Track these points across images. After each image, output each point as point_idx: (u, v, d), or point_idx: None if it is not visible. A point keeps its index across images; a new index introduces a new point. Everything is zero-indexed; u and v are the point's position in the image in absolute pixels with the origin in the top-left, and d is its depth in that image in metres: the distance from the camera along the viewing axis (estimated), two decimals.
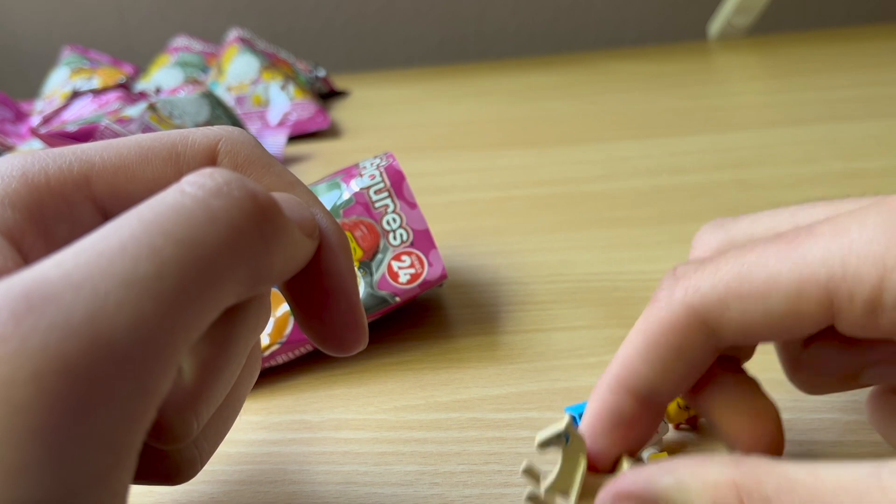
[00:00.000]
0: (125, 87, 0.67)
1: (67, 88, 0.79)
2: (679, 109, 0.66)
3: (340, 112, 0.81)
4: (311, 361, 0.32)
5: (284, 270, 0.17)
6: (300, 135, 0.71)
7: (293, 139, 0.70)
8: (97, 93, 0.64)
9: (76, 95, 0.64)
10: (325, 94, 0.88)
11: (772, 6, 0.98)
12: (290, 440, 0.27)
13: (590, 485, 0.22)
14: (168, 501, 0.25)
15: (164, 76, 0.82)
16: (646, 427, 0.20)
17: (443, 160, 0.59)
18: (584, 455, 0.21)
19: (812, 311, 0.17)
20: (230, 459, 0.27)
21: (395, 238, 0.32)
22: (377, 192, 0.33)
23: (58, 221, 0.18)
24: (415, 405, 0.29)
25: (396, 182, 0.33)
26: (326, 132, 0.72)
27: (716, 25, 0.99)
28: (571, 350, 0.31)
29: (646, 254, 0.39)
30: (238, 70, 0.76)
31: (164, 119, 0.54)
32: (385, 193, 0.33)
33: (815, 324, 0.17)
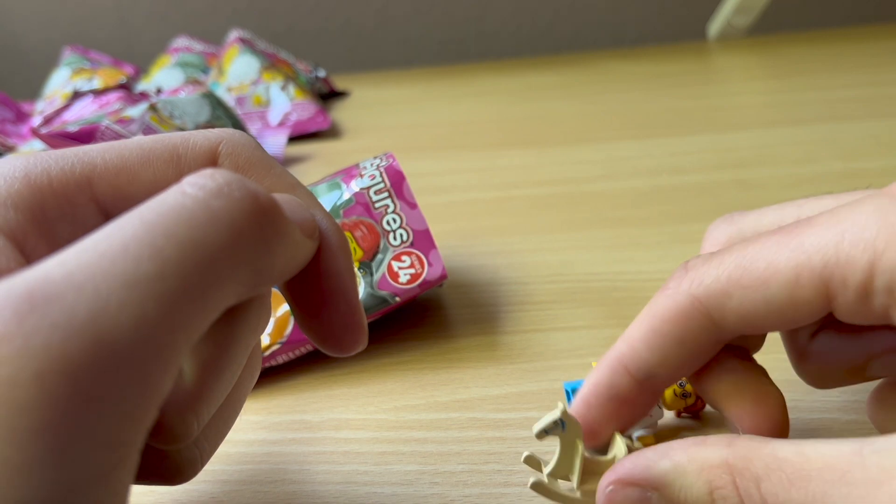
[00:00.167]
0: (126, 88, 0.67)
1: (68, 89, 0.80)
2: (679, 109, 0.66)
3: (340, 112, 0.81)
4: (311, 361, 0.32)
5: (285, 271, 0.18)
6: (300, 135, 0.71)
7: (293, 139, 0.70)
8: (98, 93, 0.64)
9: (77, 96, 0.64)
10: (326, 95, 0.88)
11: (772, 6, 0.98)
12: (290, 440, 0.28)
13: (590, 467, 0.23)
14: (169, 501, 0.25)
15: (165, 77, 0.83)
16: (639, 407, 0.21)
17: (443, 160, 0.59)
18: (582, 440, 0.22)
19: (809, 299, 0.17)
20: (230, 459, 0.27)
21: (395, 238, 0.32)
22: (377, 193, 0.33)
23: (60, 222, 0.18)
24: (415, 405, 0.29)
25: (396, 182, 0.33)
26: (326, 132, 0.72)
27: (716, 25, 0.99)
28: (571, 350, 0.31)
29: (646, 254, 0.39)
30: (238, 70, 0.77)
31: (165, 119, 0.54)
32: (385, 194, 0.33)
33: (813, 311, 0.18)
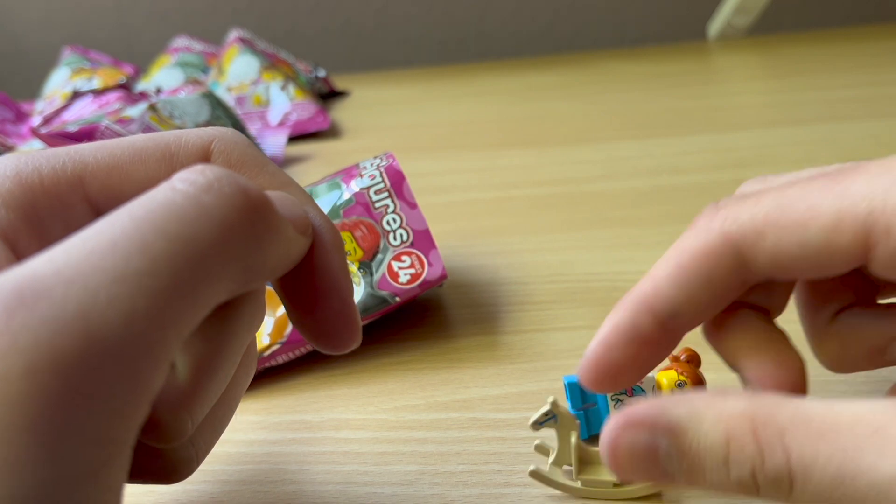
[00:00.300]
0: (126, 88, 0.67)
1: (68, 89, 0.79)
2: (679, 109, 0.66)
3: (340, 112, 0.81)
4: (311, 361, 0.32)
5: (277, 267, 0.17)
6: (300, 135, 0.71)
7: (293, 139, 0.70)
8: (98, 93, 0.64)
9: (77, 96, 0.64)
10: (326, 95, 0.88)
11: (772, 6, 0.98)
12: (290, 440, 0.28)
13: (587, 457, 0.23)
14: (169, 501, 0.25)
15: (165, 76, 0.82)
16: (658, 350, 0.20)
17: (443, 160, 0.59)
18: (576, 430, 0.22)
19: (847, 245, 0.17)
20: (230, 459, 0.27)
21: (396, 238, 0.32)
22: (377, 193, 0.33)
23: (52, 221, 0.18)
24: (415, 405, 0.29)
25: (396, 182, 0.33)
26: (326, 132, 0.72)
27: (716, 25, 0.99)
28: (571, 350, 0.31)
29: (646, 254, 0.39)
30: (238, 70, 0.76)
31: (165, 119, 0.54)
32: (385, 194, 0.33)
33: (848, 260, 0.17)
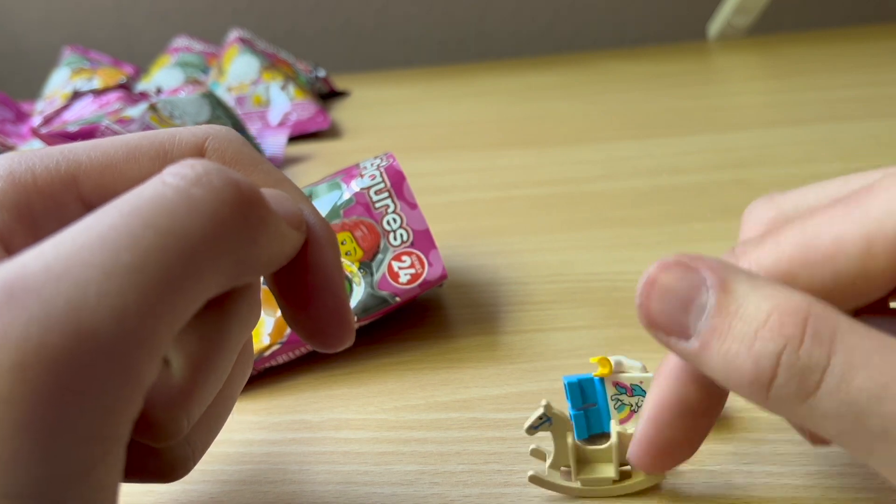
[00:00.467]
0: (126, 88, 0.67)
1: (68, 89, 0.79)
2: (679, 109, 0.66)
3: (340, 112, 0.81)
4: (311, 361, 0.32)
5: (270, 261, 0.17)
6: (300, 135, 0.71)
7: (293, 139, 0.70)
8: (98, 93, 0.64)
9: (77, 96, 0.64)
10: (326, 95, 0.88)
11: (772, 6, 0.98)
12: (290, 440, 0.28)
13: (585, 456, 0.23)
14: (168, 501, 0.25)
15: (165, 76, 0.82)
16: (708, 419, 0.19)
17: (443, 160, 0.59)
18: (571, 431, 0.23)
19: (883, 267, 0.16)
20: (230, 459, 0.27)
21: (396, 238, 0.32)
22: (377, 193, 0.33)
23: (46, 221, 0.18)
24: (415, 405, 0.29)
25: (397, 182, 0.33)
26: (326, 132, 0.72)
27: (716, 25, 0.99)
28: (571, 350, 0.31)
29: (646, 254, 0.39)
30: (238, 70, 0.76)
31: (165, 119, 0.54)
32: (385, 194, 0.33)
33: (886, 282, 0.17)
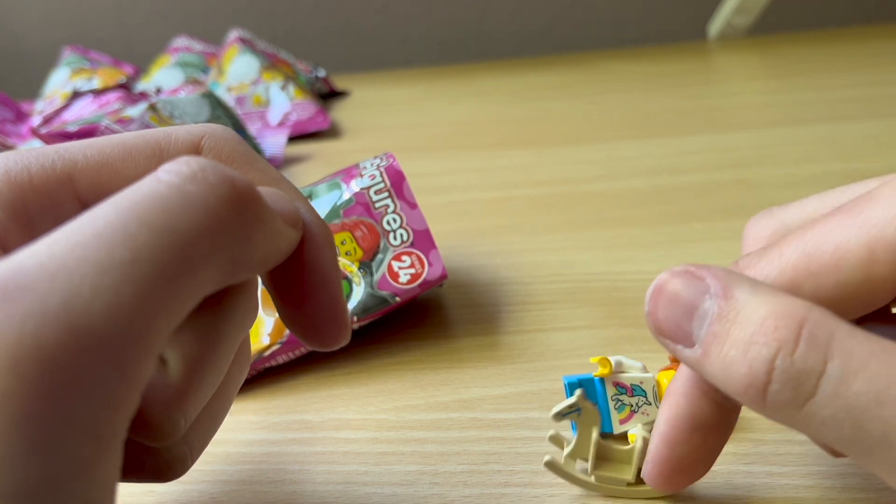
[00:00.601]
0: (126, 88, 0.67)
1: (68, 89, 0.79)
2: (679, 109, 0.66)
3: (340, 112, 0.81)
4: (311, 361, 0.32)
5: (266, 259, 0.17)
6: (300, 135, 0.71)
7: (293, 139, 0.70)
8: (98, 93, 0.64)
9: (77, 96, 0.64)
10: (326, 95, 0.88)
11: (772, 6, 0.98)
12: (290, 440, 0.28)
13: (605, 454, 0.23)
14: (169, 501, 0.25)
15: (165, 76, 0.82)
16: (721, 435, 0.19)
17: (443, 160, 0.59)
18: (597, 425, 0.22)
19: (885, 274, 0.16)
20: (230, 459, 0.27)
21: (396, 238, 0.32)
22: (377, 193, 0.33)
23: (42, 220, 0.18)
24: (415, 405, 0.29)
25: (397, 182, 0.33)
26: (326, 132, 0.72)
27: (716, 25, 0.99)
28: (571, 350, 0.31)
29: (646, 254, 0.39)
30: (238, 70, 0.76)
31: (165, 119, 0.54)
32: (385, 194, 0.33)
33: (890, 289, 0.17)
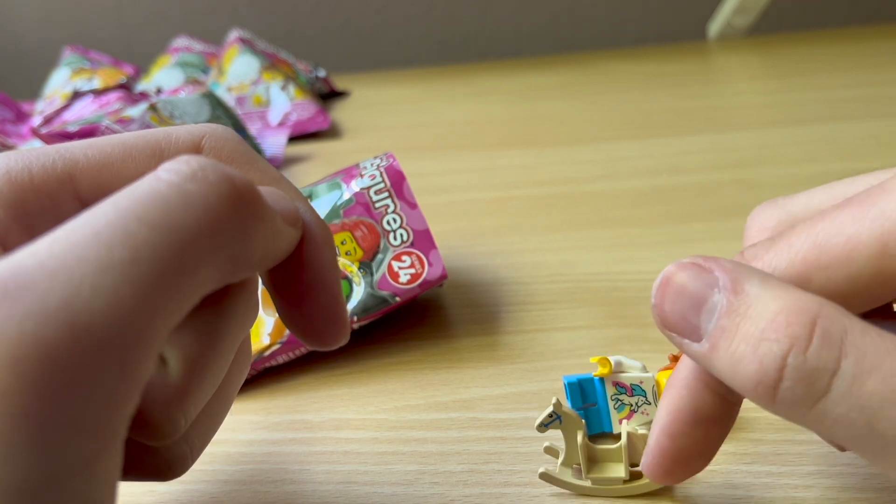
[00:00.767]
0: (126, 88, 0.67)
1: (68, 89, 0.80)
2: (679, 109, 0.66)
3: (340, 112, 0.81)
4: (311, 361, 0.32)
5: (266, 257, 0.17)
6: (300, 135, 0.71)
7: (293, 139, 0.70)
8: (98, 93, 0.64)
9: (77, 96, 0.64)
10: (326, 95, 0.88)
11: (772, 6, 0.98)
12: (290, 440, 0.28)
13: (595, 455, 0.23)
14: (169, 501, 0.25)
15: (165, 76, 0.83)
16: (723, 428, 0.19)
17: (443, 160, 0.59)
18: (581, 430, 0.22)
19: None
20: (230, 459, 0.27)
21: (396, 238, 0.32)
22: (377, 193, 0.33)
23: (43, 219, 0.18)
24: (415, 405, 0.29)
25: (397, 182, 0.33)
26: (327, 132, 0.72)
27: (716, 26, 0.99)
28: (571, 350, 0.31)
29: (646, 254, 0.39)
30: (238, 70, 0.76)
31: (165, 119, 0.54)
32: (385, 194, 0.33)
33: None
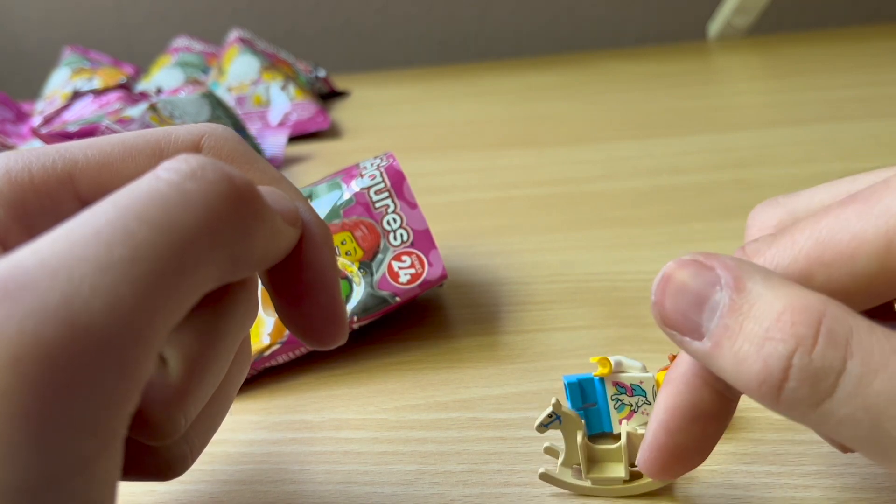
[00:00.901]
0: (126, 88, 0.67)
1: (68, 89, 0.79)
2: (679, 109, 0.66)
3: (340, 112, 0.81)
4: (311, 361, 0.32)
5: (265, 257, 0.17)
6: (300, 135, 0.71)
7: (293, 139, 0.70)
8: (98, 93, 0.64)
9: (77, 96, 0.64)
10: (326, 95, 0.88)
11: (772, 6, 0.98)
12: (290, 440, 0.28)
13: (595, 455, 0.23)
14: (169, 501, 0.25)
15: (165, 76, 0.83)
16: (721, 424, 0.19)
17: (443, 160, 0.59)
18: (581, 430, 0.22)
19: None
20: (230, 459, 0.27)
21: (396, 238, 0.32)
22: (377, 193, 0.33)
23: (43, 219, 0.18)
24: (415, 405, 0.29)
25: (397, 182, 0.33)
26: (327, 132, 0.72)
27: (716, 25, 0.99)
28: (571, 350, 0.31)
29: (646, 254, 0.39)
30: (238, 70, 0.76)
31: (165, 119, 0.54)
32: (385, 194, 0.33)
33: None
